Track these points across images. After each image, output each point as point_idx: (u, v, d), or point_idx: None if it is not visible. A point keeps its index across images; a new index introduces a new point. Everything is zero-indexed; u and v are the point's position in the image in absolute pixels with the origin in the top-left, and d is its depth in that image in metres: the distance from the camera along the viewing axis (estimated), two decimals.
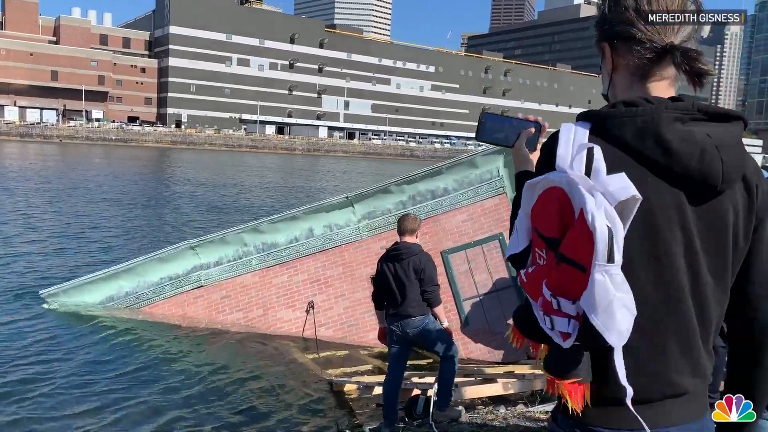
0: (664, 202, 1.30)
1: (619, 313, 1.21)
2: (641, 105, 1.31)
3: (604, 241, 1.17)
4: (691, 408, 1.42)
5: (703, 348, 1.40)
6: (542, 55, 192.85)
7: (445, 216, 8.10)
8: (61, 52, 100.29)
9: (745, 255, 1.42)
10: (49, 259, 12.16)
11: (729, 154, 1.30)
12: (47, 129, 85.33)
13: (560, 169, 1.26)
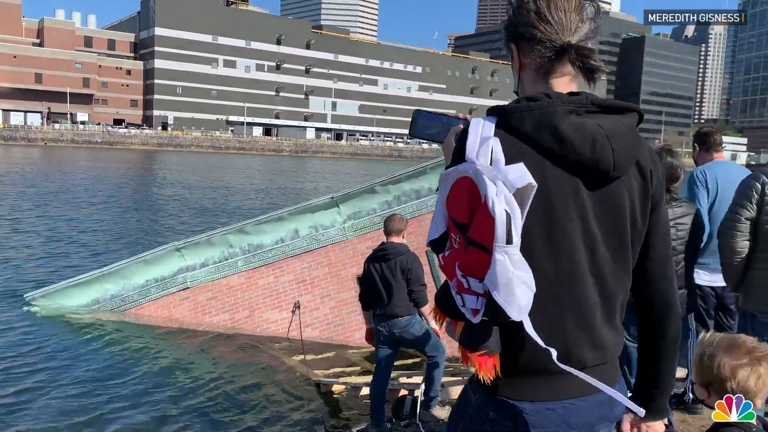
0: (561, 189, 1.41)
1: (518, 289, 1.32)
2: (540, 99, 1.42)
3: (503, 224, 1.29)
4: (587, 383, 1.46)
5: (605, 323, 1.50)
6: None
7: (429, 215, 8.16)
8: (44, 55, 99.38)
9: (644, 236, 1.54)
10: (34, 263, 12.10)
11: (619, 143, 1.42)
12: (31, 132, 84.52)
13: (469, 160, 1.37)
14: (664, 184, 2.90)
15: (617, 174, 1.44)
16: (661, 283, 1.59)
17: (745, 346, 1.81)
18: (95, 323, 7.94)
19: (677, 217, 3.28)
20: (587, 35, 1.48)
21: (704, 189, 4.18)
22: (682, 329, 1.83)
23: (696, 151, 4.61)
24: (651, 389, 1.66)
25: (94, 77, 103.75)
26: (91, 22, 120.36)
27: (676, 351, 1.65)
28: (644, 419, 1.67)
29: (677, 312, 1.62)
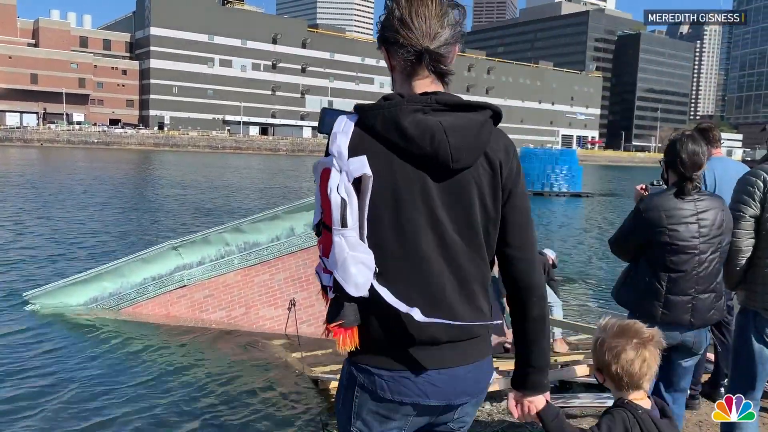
0: (408, 179, 1.56)
1: (354, 268, 1.51)
2: (393, 99, 1.58)
3: (338, 209, 1.50)
4: (444, 355, 1.62)
5: (461, 302, 1.63)
6: (525, 53, 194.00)
7: None
8: (40, 55, 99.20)
9: (501, 222, 1.67)
10: (34, 262, 12.18)
11: (457, 137, 1.54)
12: (27, 133, 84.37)
13: (331, 153, 1.56)
14: (665, 170, 3.21)
15: (458, 166, 1.56)
16: (521, 266, 1.69)
17: (632, 331, 1.90)
18: (94, 321, 8.04)
19: (700, 212, 3.01)
20: (447, 41, 1.61)
21: (702, 185, 4.14)
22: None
23: None
24: (525, 367, 1.78)
25: (89, 77, 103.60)
26: (86, 22, 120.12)
27: (542, 330, 1.74)
28: (524, 395, 1.80)
29: (539, 294, 1.72)
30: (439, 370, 1.63)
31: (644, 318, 2.79)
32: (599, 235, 21.10)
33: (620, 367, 1.90)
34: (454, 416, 1.73)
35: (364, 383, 1.65)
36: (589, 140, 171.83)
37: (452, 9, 1.63)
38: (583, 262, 15.34)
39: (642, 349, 1.90)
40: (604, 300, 11.51)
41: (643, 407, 1.92)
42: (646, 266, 3.08)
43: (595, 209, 30.78)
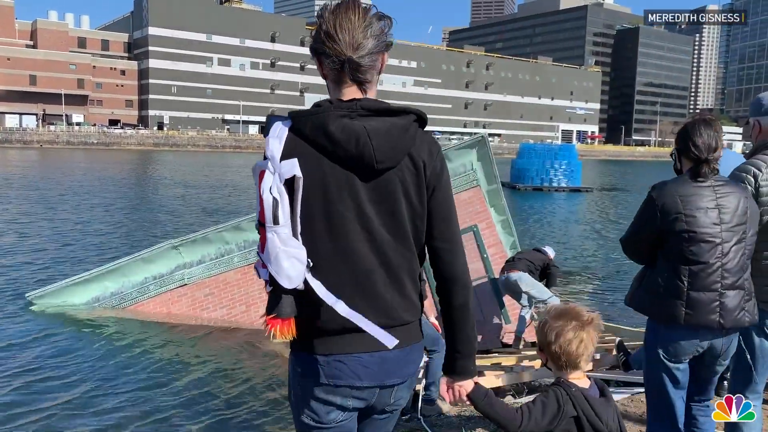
0: (337, 179, 1.69)
1: (287, 262, 1.65)
2: (322, 106, 1.74)
3: (269, 208, 1.65)
4: (375, 340, 1.73)
5: (391, 291, 1.76)
6: (523, 48, 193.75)
7: None
8: (38, 56, 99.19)
9: (427, 217, 1.79)
10: (37, 263, 12.25)
11: (380, 140, 1.68)
12: (27, 134, 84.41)
13: (267, 156, 1.70)
14: (677, 159, 2.95)
15: (382, 166, 1.69)
16: (445, 257, 1.82)
17: (572, 313, 1.99)
18: (96, 321, 8.11)
19: (719, 197, 2.75)
20: (371, 50, 1.73)
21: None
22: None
23: None
24: (453, 353, 1.90)
25: (88, 78, 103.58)
26: (84, 23, 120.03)
27: (466, 318, 1.85)
28: (454, 380, 1.91)
29: (463, 283, 1.83)
30: (371, 353, 1.75)
31: (666, 323, 2.71)
32: (600, 230, 21.15)
33: (559, 346, 1.98)
34: (390, 399, 1.84)
35: (304, 371, 1.78)
36: (588, 135, 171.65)
37: (378, 20, 1.76)
38: (585, 257, 15.38)
39: (580, 331, 1.98)
40: (606, 294, 11.57)
41: (578, 386, 2.01)
42: (664, 261, 2.78)
43: (596, 204, 30.77)
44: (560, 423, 1.98)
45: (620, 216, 25.69)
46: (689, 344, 2.72)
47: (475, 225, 8.11)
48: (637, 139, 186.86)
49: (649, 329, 2.90)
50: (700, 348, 2.73)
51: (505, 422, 1.97)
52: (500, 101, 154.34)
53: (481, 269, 7.94)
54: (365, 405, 1.83)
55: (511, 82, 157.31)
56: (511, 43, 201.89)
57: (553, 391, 2.01)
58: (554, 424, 1.97)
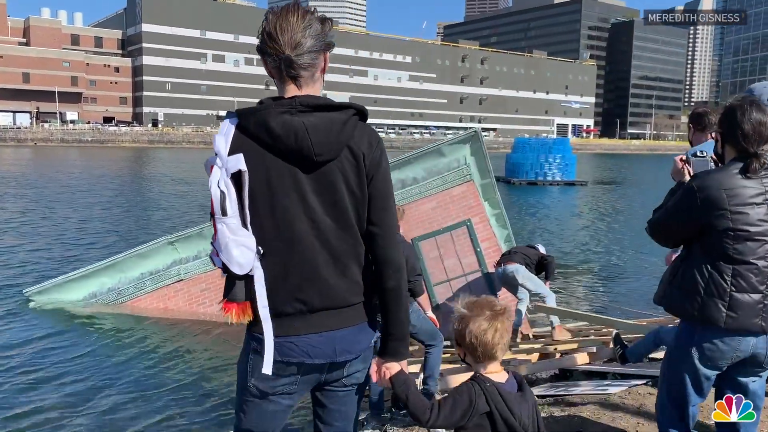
0: (280, 172, 1.81)
1: (237, 250, 1.80)
2: (264, 103, 1.84)
3: (217, 200, 1.80)
4: (322, 321, 1.87)
5: (336, 276, 1.88)
6: (518, 42, 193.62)
7: (415, 204, 8.40)
8: (32, 54, 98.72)
9: (367, 204, 1.89)
10: (34, 260, 12.30)
11: (318, 135, 1.80)
12: (21, 132, 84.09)
13: (215, 152, 1.83)
14: (719, 143, 2.67)
15: (322, 158, 1.81)
16: (379, 242, 1.91)
17: (485, 305, 2.01)
18: (93, 316, 8.17)
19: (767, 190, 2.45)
20: (310, 49, 1.85)
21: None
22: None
23: (691, 131, 4.53)
24: (384, 335, 1.98)
25: (82, 75, 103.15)
26: (77, 20, 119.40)
27: (398, 301, 1.94)
28: (383, 361, 2.00)
29: (396, 266, 1.92)
30: (320, 333, 1.87)
31: (703, 324, 2.48)
32: (594, 223, 21.27)
33: (475, 338, 1.99)
34: (344, 373, 1.97)
35: (256, 348, 1.90)
36: (584, 129, 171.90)
37: (318, 22, 1.89)
38: (579, 250, 15.49)
39: (494, 321, 1.99)
40: (601, 287, 11.69)
41: (493, 381, 2.01)
42: (703, 258, 2.51)
43: (590, 197, 30.92)
44: (472, 418, 1.98)
45: (614, 209, 25.83)
46: (729, 349, 2.48)
47: (469, 219, 8.20)
48: (632, 132, 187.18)
49: (682, 330, 2.64)
50: (740, 354, 2.49)
51: (416, 413, 1.99)
52: (495, 95, 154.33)
53: (475, 263, 8.03)
54: (316, 381, 1.97)
55: (506, 77, 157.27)
56: (505, 38, 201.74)
57: (466, 386, 2.02)
58: (465, 419, 1.97)
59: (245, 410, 2.03)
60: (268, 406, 1.97)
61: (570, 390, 4.95)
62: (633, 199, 30.26)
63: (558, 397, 4.77)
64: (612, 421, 3.92)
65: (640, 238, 17.40)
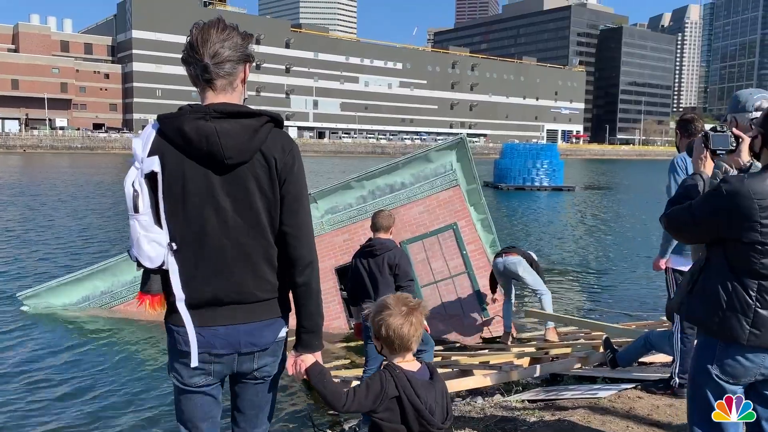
0: (194, 173, 1.94)
1: (147, 245, 1.95)
2: (183, 110, 1.97)
3: (130, 199, 1.95)
4: (229, 314, 2.00)
5: (246, 273, 2.01)
6: (508, 49, 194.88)
7: (403, 208, 8.59)
8: (21, 60, 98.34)
9: (279, 206, 2.02)
10: (28, 265, 12.35)
11: (228, 140, 1.92)
12: (9, 139, 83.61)
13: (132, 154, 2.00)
14: (759, 143, 2.39)
15: (232, 162, 1.94)
16: (290, 241, 2.04)
17: (400, 301, 2.17)
18: (86, 320, 8.27)
19: None
20: (228, 58, 1.98)
21: (684, 176, 3.97)
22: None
23: (678, 137, 4.52)
24: (298, 327, 2.12)
25: (71, 82, 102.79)
26: (67, 26, 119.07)
27: (308, 296, 2.08)
28: (298, 353, 2.13)
29: (305, 264, 2.06)
30: (226, 326, 2.00)
31: (724, 339, 2.33)
32: (580, 228, 21.53)
33: (393, 331, 2.14)
34: (254, 366, 2.09)
35: (171, 339, 2.06)
36: (573, 134, 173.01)
37: (239, 36, 2.03)
38: (567, 254, 15.69)
39: (410, 315, 2.16)
40: (588, 290, 11.89)
41: (403, 368, 2.16)
42: (727, 270, 2.33)
43: (577, 202, 31.12)
44: (383, 402, 2.11)
45: (601, 214, 26.12)
46: (753, 366, 2.32)
47: (455, 223, 8.40)
48: (621, 138, 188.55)
49: (701, 344, 2.46)
50: (765, 371, 2.33)
51: (332, 400, 2.13)
52: (486, 102, 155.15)
53: (461, 265, 8.23)
54: (229, 371, 2.09)
55: (496, 83, 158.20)
56: (495, 44, 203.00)
57: (378, 374, 2.16)
58: (377, 403, 2.11)
59: (175, 401, 2.18)
60: (191, 396, 2.11)
61: (560, 394, 4.96)
62: (620, 204, 30.54)
63: (548, 401, 4.79)
64: (602, 425, 3.94)
65: (626, 243, 17.69)
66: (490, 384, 5.70)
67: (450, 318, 8.10)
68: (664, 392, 4.46)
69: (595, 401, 4.45)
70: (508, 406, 4.86)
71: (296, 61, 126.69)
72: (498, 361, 6.23)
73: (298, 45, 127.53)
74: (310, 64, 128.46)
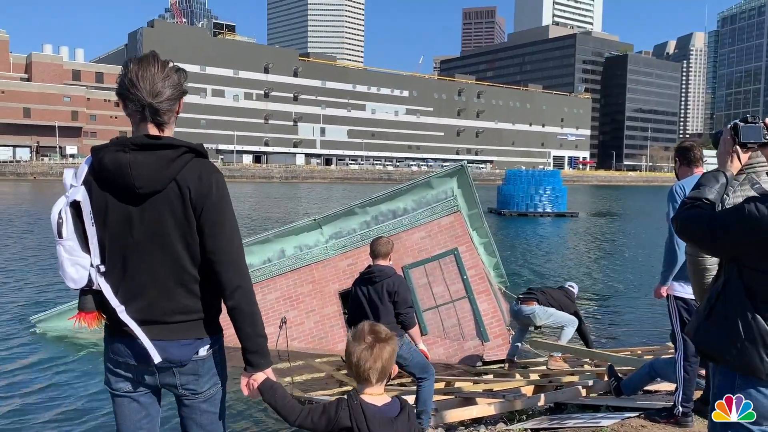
0: (115, 202, 2.11)
1: (71, 268, 2.13)
2: (111, 141, 2.15)
3: (54, 225, 2.13)
4: (149, 332, 2.14)
5: (156, 295, 2.14)
6: (514, 76, 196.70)
7: (405, 234, 8.80)
8: (33, 89, 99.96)
9: (198, 232, 2.13)
10: (41, 289, 12.60)
11: (140, 170, 2.07)
12: (20, 167, 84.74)
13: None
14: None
15: (144, 191, 2.08)
16: (215, 268, 2.14)
17: (368, 331, 2.23)
18: (98, 342, 8.45)
19: None
20: (169, 97, 2.15)
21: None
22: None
23: (677, 165, 4.53)
24: (242, 349, 2.24)
25: (82, 110, 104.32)
26: (78, 56, 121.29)
27: (242, 318, 2.18)
28: (247, 373, 2.24)
29: (232, 288, 2.15)
30: (140, 340, 2.14)
31: (742, 371, 2.17)
32: (583, 254, 21.59)
33: (353, 358, 2.19)
34: (176, 382, 2.23)
35: (106, 350, 2.27)
36: (580, 161, 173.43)
37: (175, 72, 2.19)
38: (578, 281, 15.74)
39: (372, 348, 2.17)
40: (595, 318, 11.95)
41: (365, 400, 2.18)
42: (746, 299, 2.15)
43: (580, 228, 31.12)
44: (334, 429, 2.14)
45: (604, 240, 26.15)
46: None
47: (456, 248, 8.57)
48: (628, 164, 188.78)
49: (721, 380, 2.28)
50: None
51: (284, 413, 2.20)
52: (492, 128, 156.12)
53: (462, 290, 8.38)
54: (153, 382, 2.24)
55: (502, 110, 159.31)
56: (501, 72, 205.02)
57: (337, 400, 2.21)
58: (329, 428, 2.16)
59: (113, 411, 2.35)
60: (119, 400, 2.28)
61: (563, 423, 4.93)
62: (624, 230, 30.55)
63: (551, 429, 4.80)
64: None
65: (629, 268, 17.75)
66: (493, 413, 5.64)
67: (451, 342, 8.23)
68: (667, 421, 4.42)
69: (597, 430, 4.40)
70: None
71: (304, 89, 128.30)
72: (501, 389, 6.20)
73: (306, 73, 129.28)
74: (317, 92, 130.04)
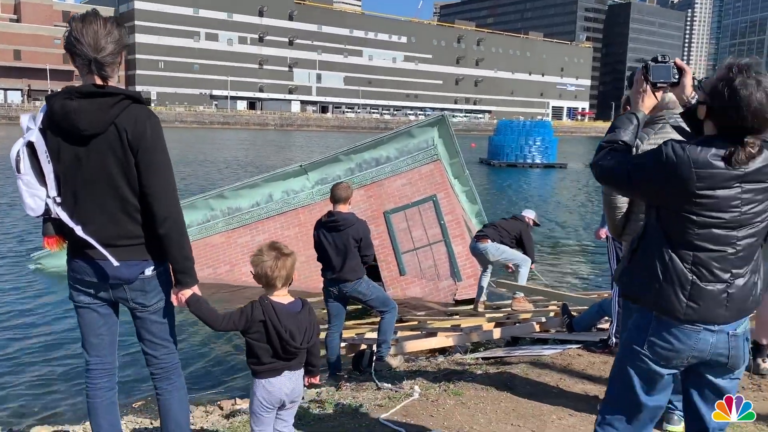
0: (65, 143, 2.45)
1: (30, 199, 2.48)
2: (61, 92, 2.45)
3: (13, 162, 2.47)
4: (100, 253, 2.50)
5: (104, 222, 2.50)
6: (515, 23, 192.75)
7: (387, 181, 9.22)
8: (23, 31, 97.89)
9: (136, 170, 2.47)
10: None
11: (82, 115, 2.38)
12: (11, 110, 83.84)
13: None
14: (703, 112, 2.16)
15: (87, 133, 2.40)
16: (149, 199, 2.49)
17: (273, 248, 2.74)
18: None
19: (748, 171, 2.09)
20: (111, 52, 2.43)
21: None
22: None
23: None
24: (173, 269, 2.61)
25: None
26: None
27: (170, 243, 2.53)
28: (177, 288, 2.62)
29: (162, 218, 2.50)
30: (99, 260, 2.54)
31: (661, 314, 2.20)
32: (565, 204, 22.02)
33: (261, 270, 2.68)
34: (127, 296, 2.62)
35: (68, 268, 2.65)
36: (579, 111, 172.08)
37: (116, 28, 2.46)
38: (549, 230, 16.23)
39: (277, 260, 2.67)
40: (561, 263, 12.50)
41: (273, 300, 2.70)
42: (663, 241, 2.19)
43: (566, 179, 31.31)
44: (252, 324, 2.64)
45: (587, 191, 26.55)
46: (684, 348, 2.19)
47: (434, 195, 9.02)
48: None
49: (635, 323, 2.32)
50: (698, 354, 2.19)
51: (210, 321, 2.66)
52: (491, 77, 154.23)
53: (439, 234, 8.88)
54: (108, 297, 2.64)
55: (501, 58, 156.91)
56: (502, 18, 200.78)
57: (252, 302, 2.69)
58: (247, 324, 2.64)
59: (77, 321, 2.75)
60: (81, 311, 2.68)
61: (511, 353, 5.31)
62: None
63: (498, 358, 5.24)
64: (538, 377, 4.31)
65: None
66: (450, 344, 6.06)
67: (427, 282, 8.78)
68: (602, 351, 4.84)
69: (537, 358, 4.81)
70: (462, 363, 5.27)
71: (300, 33, 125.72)
72: (467, 325, 6.65)
73: (302, 17, 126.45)
74: (313, 36, 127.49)
